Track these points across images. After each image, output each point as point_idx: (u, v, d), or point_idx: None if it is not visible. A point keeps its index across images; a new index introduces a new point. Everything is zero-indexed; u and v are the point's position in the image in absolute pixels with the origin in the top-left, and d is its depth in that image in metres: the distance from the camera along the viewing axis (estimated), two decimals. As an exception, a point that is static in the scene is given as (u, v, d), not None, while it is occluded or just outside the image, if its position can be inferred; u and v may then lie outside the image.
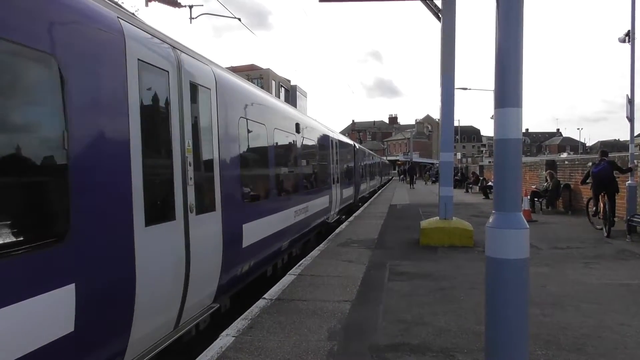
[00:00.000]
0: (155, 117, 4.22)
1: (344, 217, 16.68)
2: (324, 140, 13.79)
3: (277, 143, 8.27)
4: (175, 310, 4.42)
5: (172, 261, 4.29)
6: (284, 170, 8.91)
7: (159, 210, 4.16)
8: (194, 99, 4.94)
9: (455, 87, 10.82)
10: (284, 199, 8.62)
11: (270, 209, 7.54)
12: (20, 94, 2.85)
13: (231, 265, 5.71)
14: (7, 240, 2.63)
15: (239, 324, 5.02)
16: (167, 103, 4.38)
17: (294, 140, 9.75)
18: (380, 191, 34.18)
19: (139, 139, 3.79)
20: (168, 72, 4.40)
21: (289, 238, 8.77)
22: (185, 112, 4.66)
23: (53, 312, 2.88)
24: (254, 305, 5.68)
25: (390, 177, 60.54)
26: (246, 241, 6.21)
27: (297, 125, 10.02)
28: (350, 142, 21.71)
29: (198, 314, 4.98)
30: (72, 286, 3.01)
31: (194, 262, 4.63)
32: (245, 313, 5.38)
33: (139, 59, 3.90)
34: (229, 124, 5.92)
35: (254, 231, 6.55)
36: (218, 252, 5.33)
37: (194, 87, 4.93)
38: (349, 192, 18.38)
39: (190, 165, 4.65)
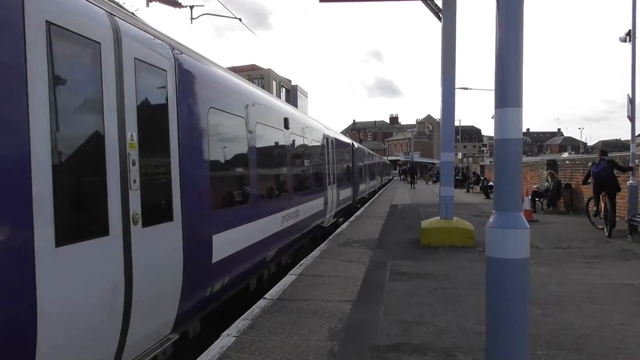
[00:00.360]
0: (75, 101, 3.30)
1: (341, 219, 16.09)
2: (319, 138, 12.90)
3: (259, 139, 7.21)
4: (112, 350, 3.54)
5: (102, 289, 3.37)
6: (269, 171, 7.98)
7: (80, 223, 3.24)
8: (141, 81, 3.95)
9: (456, 86, 10.82)
10: (269, 203, 7.69)
11: (250, 216, 6.58)
12: None
13: (196, 285, 4.82)
14: None
15: (240, 324, 5.02)
16: (98, 84, 3.43)
17: (281, 137, 8.76)
18: (380, 192, 34.16)
19: (46, 129, 2.90)
20: (100, 43, 3.45)
21: (275, 247, 7.88)
22: (128, 97, 3.73)
23: None
24: (255, 305, 5.68)
25: (391, 177, 60.46)
26: (217, 255, 5.30)
27: (286, 120, 9.07)
28: (349, 140, 20.96)
29: (148, 350, 4.05)
30: None
31: (138, 288, 3.72)
32: (246, 313, 5.38)
33: (49, 22, 2.95)
34: (195, 115, 4.98)
35: (228, 242, 5.65)
36: (177, 271, 4.41)
37: (141, 66, 3.96)
38: (346, 193, 17.59)
39: (133, 164, 3.73)
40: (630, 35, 11.81)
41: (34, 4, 2.83)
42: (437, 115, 78.91)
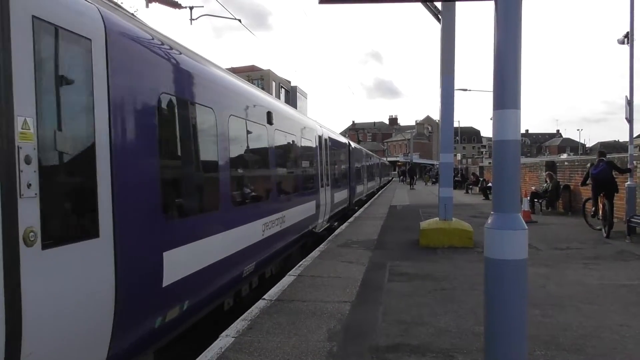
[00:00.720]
0: None
1: (336, 223, 15.32)
2: (311, 136, 11.79)
3: (232, 135, 6.14)
4: None
5: None
6: (245, 172, 6.91)
7: None
8: (47, 50, 3.02)
9: (455, 88, 10.85)
10: (245, 209, 6.60)
11: (219, 225, 5.55)
12: None
13: (138, 319, 3.89)
14: None
15: (239, 324, 5.02)
16: None
17: (263, 133, 7.70)
18: (379, 193, 34.18)
19: None
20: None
21: (255, 259, 6.83)
22: (20, 69, 2.74)
23: None
24: (254, 306, 5.68)
25: (390, 179, 60.35)
26: (171, 276, 4.30)
27: (269, 114, 7.93)
28: (344, 140, 19.93)
29: None
30: None
31: (32, 337, 2.75)
32: (245, 314, 5.38)
33: None
34: (138, 101, 4.01)
35: (187, 259, 4.66)
36: (104, 305, 3.39)
37: (47, 30, 2.99)
38: (341, 195, 16.46)
39: (27, 163, 2.75)
40: (628, 38, 11.85)
41: None
42: (436, 116, 79.01)
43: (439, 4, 10.55)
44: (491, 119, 3.37)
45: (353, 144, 22.28)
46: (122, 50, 3.76)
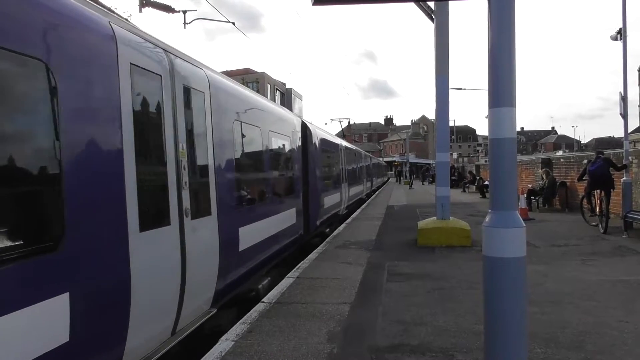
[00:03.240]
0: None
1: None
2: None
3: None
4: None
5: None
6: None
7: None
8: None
9: (450, 87, 10.87)
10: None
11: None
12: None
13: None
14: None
15: (238, 328, 5.01)
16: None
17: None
18: (378, 192, 34.18)
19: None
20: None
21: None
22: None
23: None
24: (253, 309, 5.67)
25: (386, 179, 60.11)
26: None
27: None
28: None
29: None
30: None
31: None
32: (245, 317, 5.37)
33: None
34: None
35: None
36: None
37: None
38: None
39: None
40: (621, 34, 11.90)
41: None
42: (431, 115, 79.02)
43: (432, 4, 10.58)
44: (487, 117, 3.37)
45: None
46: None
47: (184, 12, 14.06)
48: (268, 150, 7.85)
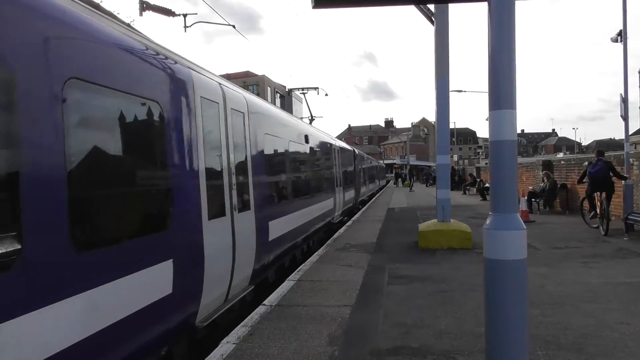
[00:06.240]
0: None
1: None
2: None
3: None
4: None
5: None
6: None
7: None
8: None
9: (450, 89, 10.88)
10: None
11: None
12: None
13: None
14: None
15: (239, 331, 5.00)
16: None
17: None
18: (378, 195, 34.17)
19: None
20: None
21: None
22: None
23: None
24: (254, 312, 5.67)
25: (386, 182, 59.92)
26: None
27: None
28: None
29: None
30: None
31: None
32: (245, 320, 5.36)
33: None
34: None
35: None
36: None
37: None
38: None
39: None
40: (621, 36, 11.91)
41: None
42: (432, 118, 79.10)
43: (432, 6, 10.59)
44: (487, 119, 3.38)
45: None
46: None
47: (184, 15, 14.09)
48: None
